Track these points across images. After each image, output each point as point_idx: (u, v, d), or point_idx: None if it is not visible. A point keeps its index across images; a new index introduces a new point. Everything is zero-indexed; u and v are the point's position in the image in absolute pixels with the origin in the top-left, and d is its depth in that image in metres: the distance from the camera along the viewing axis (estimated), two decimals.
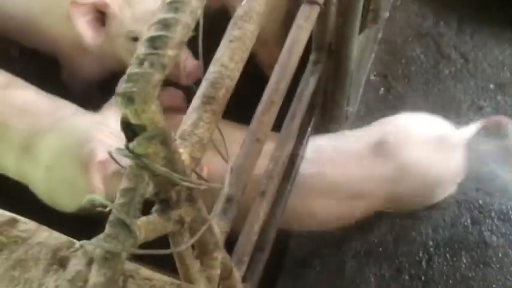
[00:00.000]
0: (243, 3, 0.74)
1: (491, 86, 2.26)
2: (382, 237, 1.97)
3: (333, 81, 1.42)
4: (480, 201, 2.02)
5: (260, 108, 0.95)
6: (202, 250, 0.75)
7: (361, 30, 1.36)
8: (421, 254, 1.93)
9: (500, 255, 1.92)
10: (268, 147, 1.30)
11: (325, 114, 1.58)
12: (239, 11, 0.72)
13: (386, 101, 2.26)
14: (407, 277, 1.89)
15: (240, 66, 0.70)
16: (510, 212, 1.99)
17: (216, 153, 0.73)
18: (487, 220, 1.98)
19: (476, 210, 2.00)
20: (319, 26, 1.22)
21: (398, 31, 2.42)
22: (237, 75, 0.70)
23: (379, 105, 2.25)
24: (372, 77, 2.31)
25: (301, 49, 1.01)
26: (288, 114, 1.22)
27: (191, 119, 0.66)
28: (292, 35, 1.02)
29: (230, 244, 1.06)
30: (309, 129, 1.49)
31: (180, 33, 0.51)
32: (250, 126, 0.94)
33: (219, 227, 0.83)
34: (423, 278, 1.89)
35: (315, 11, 1.05)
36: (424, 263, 1.91)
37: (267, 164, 1.16)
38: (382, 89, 2.28)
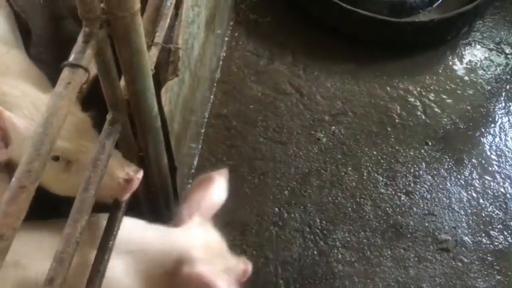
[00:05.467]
0: None
1: (326, 117, 2.35)
2: None
3: (143, 137, 1.34)
4: (324, 232, 2.06)
5: (6, 196, 0.82)
6: None
7: (163, 83, 1.30)
8: None
9: (347, 283, 1.95)
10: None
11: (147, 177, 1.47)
12: None
13: (228, 139, 2.25)
14: None
15: None
16: (353, 239, 2.06)
17: None
18: (333, 250, 2.03)
19: (322, 241, 2.04)
20: (108, 86, 1.13)
21: (236, 71, 2.45)
22: None
23: (221, 144, 2.24)
24: (212, 118, 2.30)
25: (60, 120, 0.90)
26: (81, 185, 1.10)
27: None
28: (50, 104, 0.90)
29: None
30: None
31: None
32: None
33: None
34: None
35: (78, 75, 0.95)
36: None
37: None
38: (223, 128, 2.27)
